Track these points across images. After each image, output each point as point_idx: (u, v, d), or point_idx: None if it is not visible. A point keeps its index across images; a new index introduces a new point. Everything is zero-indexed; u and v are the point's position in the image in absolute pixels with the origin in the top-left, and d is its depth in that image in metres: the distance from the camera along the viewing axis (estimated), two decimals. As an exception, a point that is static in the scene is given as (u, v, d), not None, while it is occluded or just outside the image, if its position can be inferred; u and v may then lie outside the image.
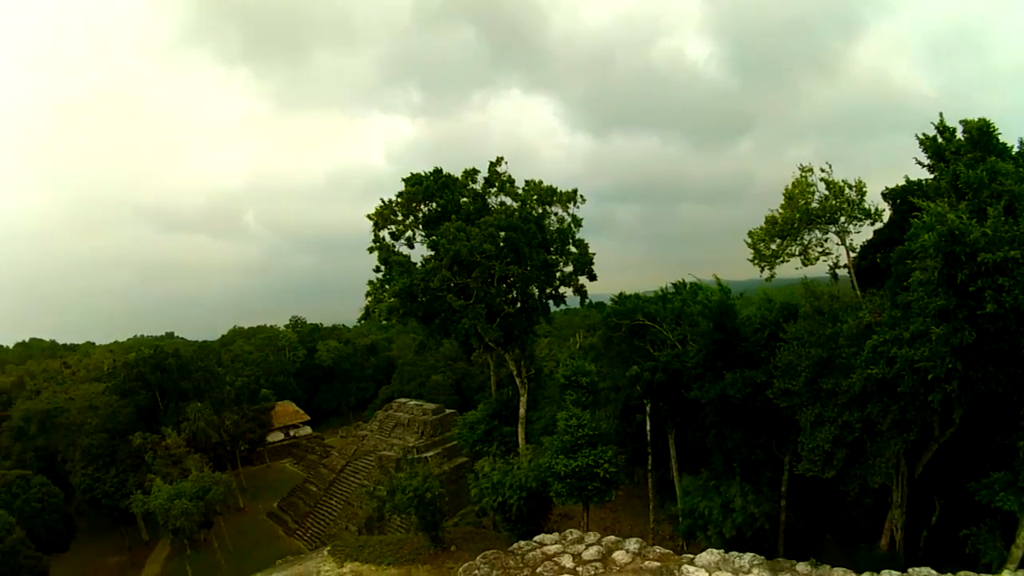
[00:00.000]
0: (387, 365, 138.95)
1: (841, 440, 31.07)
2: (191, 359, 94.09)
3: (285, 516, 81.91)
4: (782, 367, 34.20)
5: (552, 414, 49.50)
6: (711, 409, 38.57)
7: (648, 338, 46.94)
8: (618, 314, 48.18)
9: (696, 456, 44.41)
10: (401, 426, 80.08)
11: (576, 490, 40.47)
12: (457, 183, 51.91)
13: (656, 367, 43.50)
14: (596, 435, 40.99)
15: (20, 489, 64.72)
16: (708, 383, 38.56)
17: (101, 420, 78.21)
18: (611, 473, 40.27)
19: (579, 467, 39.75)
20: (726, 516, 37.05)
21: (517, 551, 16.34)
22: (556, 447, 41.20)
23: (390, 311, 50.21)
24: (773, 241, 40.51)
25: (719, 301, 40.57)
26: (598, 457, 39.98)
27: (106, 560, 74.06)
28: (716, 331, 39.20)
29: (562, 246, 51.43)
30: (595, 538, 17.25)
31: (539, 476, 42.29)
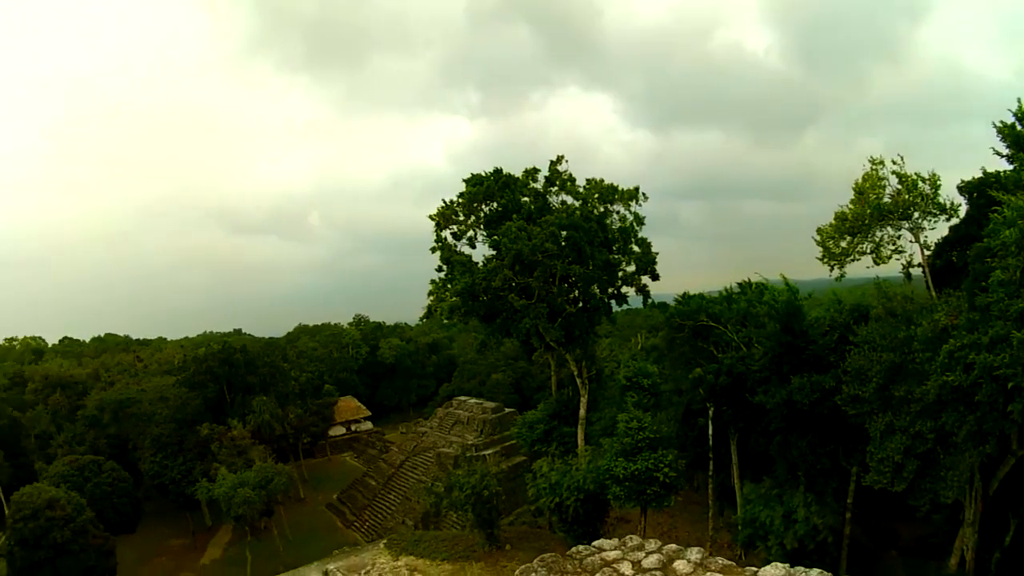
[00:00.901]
0: (448, 363, 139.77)
1: (912, 451, 29.67)
2: (258, 355, 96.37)
3: (343, 508, 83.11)
4: (852, 372, 32.84)
5: (612, 415, 48.87)
6: (776, 415, 37.43)
7: (712, 340, 45.92)
8: (681, 314, 47.23)
9: (759, 463, 43.19)
10: (460, 424, 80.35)
11: (635, 494, 39.84)
12: (518, 183, 51.79)
13: (720, 370, 42.44)
14: (657, 438, 40.21)
15: (92, 473, 67.17)
16: (774, 387, 37.42)
17: (171, 411, 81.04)
18: (671, 478, 39.54)
19: (639, 470, 39.10)
20: (788, 527, 35.93)
21: (575, 555, 15.92)
22: (616, 449, 40.60)
23: (452, 310, 50.55)
24: (843, 238, 38.68)
25: (786, 302, 39.36)
26: (658, 461, 39.27)
27: (170, 542, 76.65)
28: (783, 333, 37.99)
29: (624, 245, 50.83)
30: (655, 545, 16.72)
31: (597, 478, 41.66)
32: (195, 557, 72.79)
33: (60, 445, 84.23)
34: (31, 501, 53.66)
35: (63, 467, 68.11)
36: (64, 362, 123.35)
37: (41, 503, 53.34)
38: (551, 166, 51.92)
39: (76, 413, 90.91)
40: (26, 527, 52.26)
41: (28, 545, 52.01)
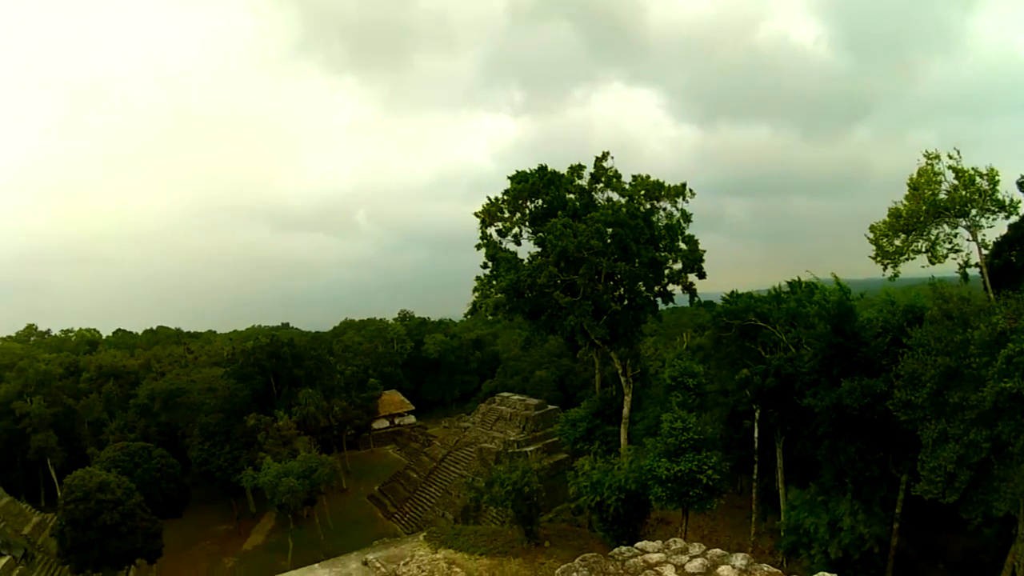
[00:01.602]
0: (491, 359, 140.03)
1: (966, 460, 28.61)
2: (304, 348, 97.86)
3: (385, 500, 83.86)
4: (905, 376, 31.82)
5: (656, 415, 48.26)
6: (824, 419, 36.50)
7: (760, 340, 45.01)
8: (729, 313, 46.39)
9: (805, 468, 42.19)
10: (503, 420, 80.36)
11: (677, 495, 39.24)
12: (563, 179, 51.46)
13: (767, 371, 41.59)
14: (701, 439, 39.49)
15: (142, 459, 68.86)
16: (823, 390, 36.50)
17: (219, 401, 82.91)
18: (714, 480, 38.83)
19: (681, 472, 38.46)
20: (833, 535, 35.04)
21: (617, 556, 15.64)
22: (659, 449, 40.01)
23: (497, 307, 50.45)
24: (897, 236, 37.25)
25: (837, 302, 38.27)
26: (702, 463, 38.58)
27: (214, 528, 78.51)
28: (833, 334, 37.00)
29: (671, 242, 50.20)
30: (700, 550, 16.33)
31: (639, 478, 41.22)
32: (238, 542, 74.36)
33: (112, 432, 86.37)
34: (83, 484, 55.24)
35: (114, 452, 70.06)
36: (117, 353, 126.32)
37: (92, 486, 54.90)
38: (596, 162, 51.51)
39: (128, 402, 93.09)
40: (77, 508, 53.77)
41: (79, 526, 53.50)
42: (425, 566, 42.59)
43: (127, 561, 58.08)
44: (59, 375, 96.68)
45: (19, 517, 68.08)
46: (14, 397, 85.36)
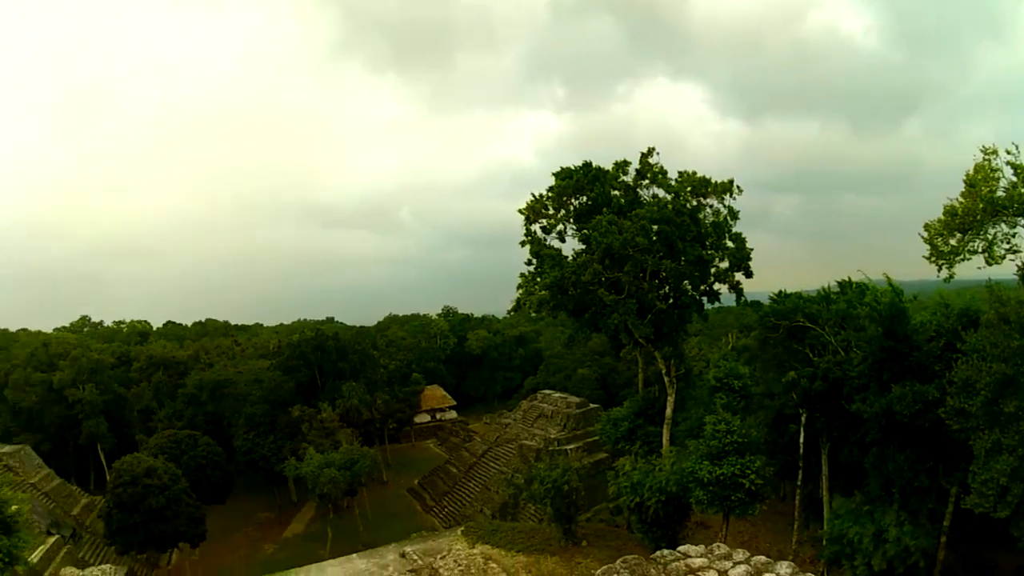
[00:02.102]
0: (534, 356, 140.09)
1: (1020, 474, 27.28)
2: (349, 342, 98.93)
3: (424, 493, 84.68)
4: (958, 383, 30.51)
5: (699, 416, 47.47)
6: (873, 425, 35.35)
7: (808, 342, 43.79)
8: (776, 314, 45.17)
9: (850, 476, 41.05)
10: (544, 417, 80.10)
11: (718, 499, 38.37)
12: (608, 176, 50.83)
13: (815, 374, 40.49)
14: (745, 443, 38.52)
15: (188, 446, 70.56)
16: (872, 396, 35.26)
17: (265, 392, 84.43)
18: (757, 485, 37.84)
19: (724, 475, 37.58)
20: (877, 546, 33.90)
21: (659, 559, 15.27)
22: (702, 452, 39.16)
23: (541, 303, 50.21)
24: (952, 235, 35.32)
25: (889, 303, 36.92)
26: (745, 466, 37.64)
27: (257, 515, 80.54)
28: (885, 337, 35.76)
29: (718, 240, 49.16)
30: (744, 556, 15.82)
31: (680, 480, 40.44)
32: (279, 530, 76.06)
33: (160, 420, 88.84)
34: (131, 469, 56.82)
35: (162, 440, 71.93)
36: (167, 344, 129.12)
37: (140, 471, 56.39)
38: (642, 158, 50.76)
39: (176, 391, 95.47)
40: (125, 492, 55.31)
41: (126, 508, 55.05)
42: (462, 560, 42.54)
43: (171, 544, 59.43)
44: (111, 364, 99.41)
45: (69, 499, 70.34)
46: (68, 385, 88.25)
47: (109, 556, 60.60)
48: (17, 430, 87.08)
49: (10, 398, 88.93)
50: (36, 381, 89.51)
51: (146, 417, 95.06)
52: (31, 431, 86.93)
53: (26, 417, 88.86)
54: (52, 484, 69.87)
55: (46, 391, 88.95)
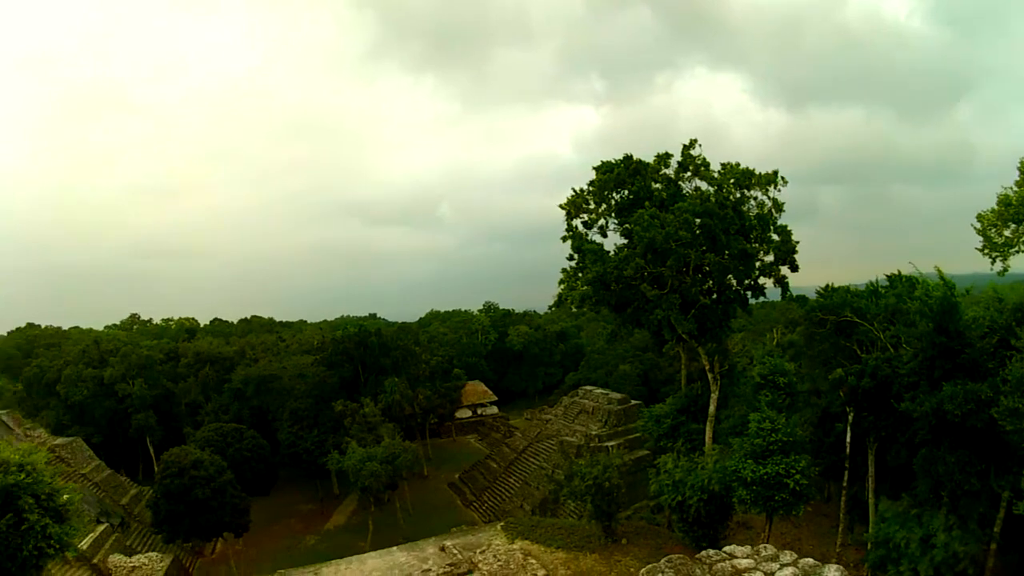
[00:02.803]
0: (575, 352, 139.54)
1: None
2: (391, 338, 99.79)
3: (464, 488, 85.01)
4: (1012, 382, 29.43)
5: (742, 414, 46.62)
6: (922, 425, 34.06)
7: (856, 338, 42.60)
8: (823, 308, 44.00)
9: (898, 477, 39.71)
10: (585, 413, 79.64)
11: (762, 499, 37.49)
12: (649, 168, 50.11)
13: (863, 371, 39.35)
14: (790, 442, 37.61)
15: (234, 439, 72.05)
16: (922, 394, 34.04)
17: (308, 387, 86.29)
18: (802, 485, 36.92)
19: (768, 474, 36.72)
20: (925, 551, 32.68)
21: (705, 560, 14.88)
22: (745, 450, 38.39)
23: (583, 299, 49.82)
24: (1007, 226, 34.04)
25: (941, 298, 35.59)
26: (790, 466, 36.73)
27: (299, 507, 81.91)
28: (936, 334, 34.46)
29: (762, 233, 48.14)
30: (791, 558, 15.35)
31: (723, 479, 39.47)
32: (321, 522, 77.18)
33: (207, 413, 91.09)
34: (178, 461, 58.39)
35: (209, 433, 73.58)
36: (214, 340, 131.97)
37: (187, 463, 57.91)
38: (684, 150, 49.89)
39: (223, 386, 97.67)
40: (172, 483, 56.84)
41: (173, 499, 56.52)
42: (501, 556, 42.40)
43: (215, 534, 60.98)
44: (159, 360, 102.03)
45: (118, 489, 72.50)
46: (118, 380, 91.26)
47: (156, 544, 62.19)
48: (69, 423, 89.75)
49: (63, 393, 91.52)
50: (88, 377, 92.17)
51: (193, 411, 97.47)
52: (83, 424, 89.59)
53: (78, 411, 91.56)
54: (102, 475, 72.20)
55: (97, 386, 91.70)
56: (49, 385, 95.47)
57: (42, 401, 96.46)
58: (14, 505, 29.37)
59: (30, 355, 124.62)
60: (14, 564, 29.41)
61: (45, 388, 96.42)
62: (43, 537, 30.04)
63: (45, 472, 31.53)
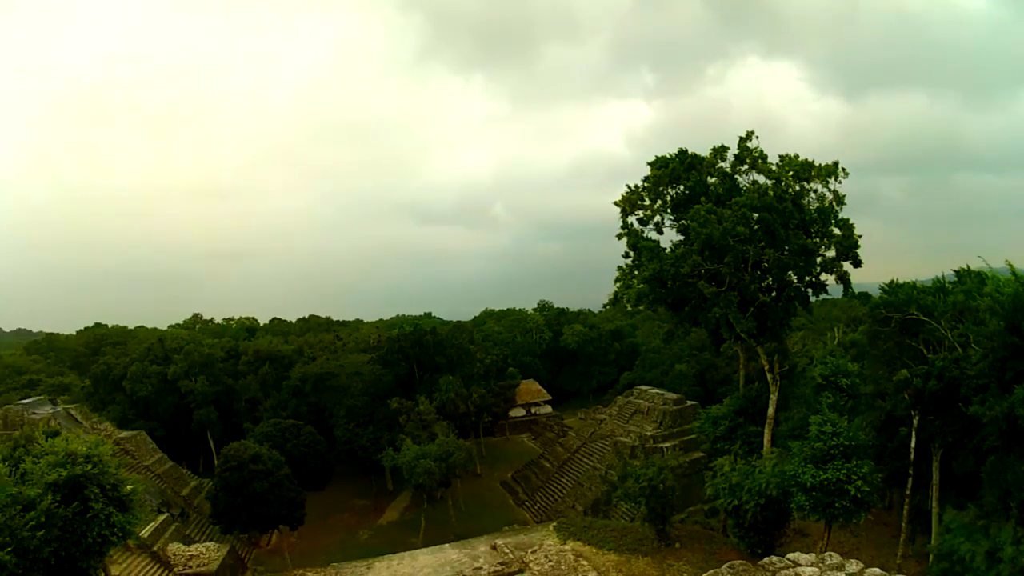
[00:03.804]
0: (630, 351, 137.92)
1: None
2: (446, 337, 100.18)
3: (516, 487, 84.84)
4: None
5: (802, 417, 45.17)
6: (992, 430, 32.22)
7: (922, 336, 40.76)
8: (888, 306, 42.20)
9: (965, 486, 37.88)
10: (640, 413, 78.56)
11: (821, 506, 35.87)
12: (704, 163, 49.05)
13: (929, 372, 37.67)
14: (852, 446, 36.01)
15: (292, 435, 73.32)
16: (992, 397, 32.17)
17: (365, 385, 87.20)
18: (864, 492, 35.20)
19: (828, 480, 35.14)
20: (991, 565, 30.73)
21: (768, 566, 14.21)
22: (805, 454, 36.82)
23: (639, 297, 49.11)
24: None
25: (1013, 294, 33.52)
26: (851, 472, 35.10)
27: (353, 502, 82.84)
28: (1008, 333, 32.46)
29: (823, 227, 46.58)
30: (858, 567, 14.55)
31: (782, 484, 38.08)
32: (374, 517, 78.18)
33: (266, 410, 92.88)
34: (238, 455, 59.78)
35: (267, 428, 75.24)
36: (273, 339, 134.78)
37: (246, 457, 59.21)
38: (740, 143, 48.59)
39: (281, 383, 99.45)
40: (232, 476, 58.15)
41: (231, 491, 57.80)
42: (552, 556, 42.03)
43: (272, 526, 62.08)
44: (220, 358, 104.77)
45: (179, 480, 74.90)
46: (181, 377, 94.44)
47: (214, 534, 63.83)
48: (134, 417, 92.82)
49: (128, 388, 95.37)
50: (152, 373, 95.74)
51: (253, 407, 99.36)
52: (147, 418, 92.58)
53: (143, 406, 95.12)
54: (164, 467, 74.56)
55: (161, 382, 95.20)
56: (115, 381, 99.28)
57: (108, 396, 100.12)
58: (81, 494, 30.58)
59: (97, 353, 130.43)
60: (79, 549, 30.53)
61: (111, 384, 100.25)
62: (107, 525, 31.19)
63: (110, 463, 32.75)
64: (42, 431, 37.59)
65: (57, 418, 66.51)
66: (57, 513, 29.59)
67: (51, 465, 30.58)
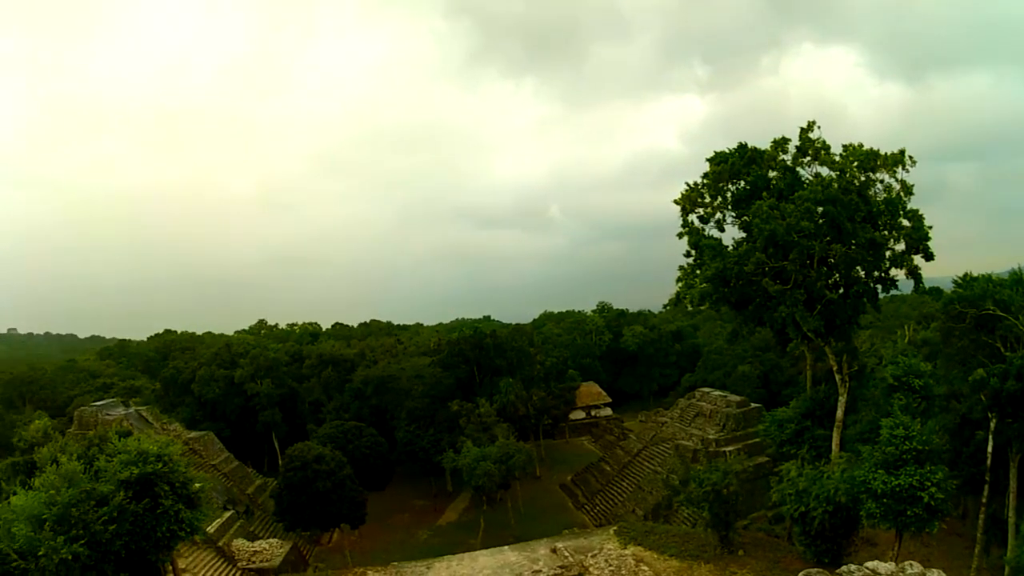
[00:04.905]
0: (692, 352, 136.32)
1: None
2: (506, 339, 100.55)
3: (576, 490, 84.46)
4: None
5: (871, 419, 43.40)
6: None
7: (999, 333, 38.91)
8: (962, 301, 40.37)
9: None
10: (702, 416, 77.11)
11: (892, 513, 34.17)
12: (765, 156, 47.71)
13: (1007, 372, 35.83)
14: (925, 451, 34.21)
15: (354, 436, 74.54)
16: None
17: (425, 387, 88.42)
18: (938, 500, 33.40)
19: (900, 487, 33.47)
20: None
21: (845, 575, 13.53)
22: (876, 459, 35.15)
23: (702, 297, 48.32)
24: None
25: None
26: (924, 478, 33.33)
27: (413, 502, 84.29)
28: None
29: (891, 219, 44.70)
30: (938, 576, 13.74)
31: (851, 490, 36.45)
32: (433, 518, 79.24)
33: (329, 412, 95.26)
34: (302, 455, 61.34)
35: (330, 429, 76.72)
36: (335, 343, 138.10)
37: (310, 457, 60.71)
38: (802, 133, 47.05)
39: (344, 386, 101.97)
40: (295, 476, 59.60)
41: (295, 490, 59.24)
42: (613, 560, 41.45)
43: (333, 524, 63.44)
44: (285, 362, 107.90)
45: (244, 479, 77.22)
46: (247, 380, 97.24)
47: (277, 531, 65.66)
48: (202, 418, 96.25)
49: (197, 391, 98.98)
50: (219, 376, 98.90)
51: (316, 409, 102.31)
52: (214, 420, 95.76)
53: (210, 407, 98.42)
54: (231, 466, 77.00)
55: (228, 385, 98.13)
56: (184, 384, 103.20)
57: (178, 399, 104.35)
58: (151, 491, 32.02)
59: (167, 358, 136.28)
60: (148, 543, 32.06)
61: (180, 387, 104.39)
62: (175, 520, 32.61)
63: (180, 462, 34.09)
64: (115, 431, 39.28)
65: (129, 419, 69.22)
66: (129, 509, 31.16)
67: (124, 463, 32.04)
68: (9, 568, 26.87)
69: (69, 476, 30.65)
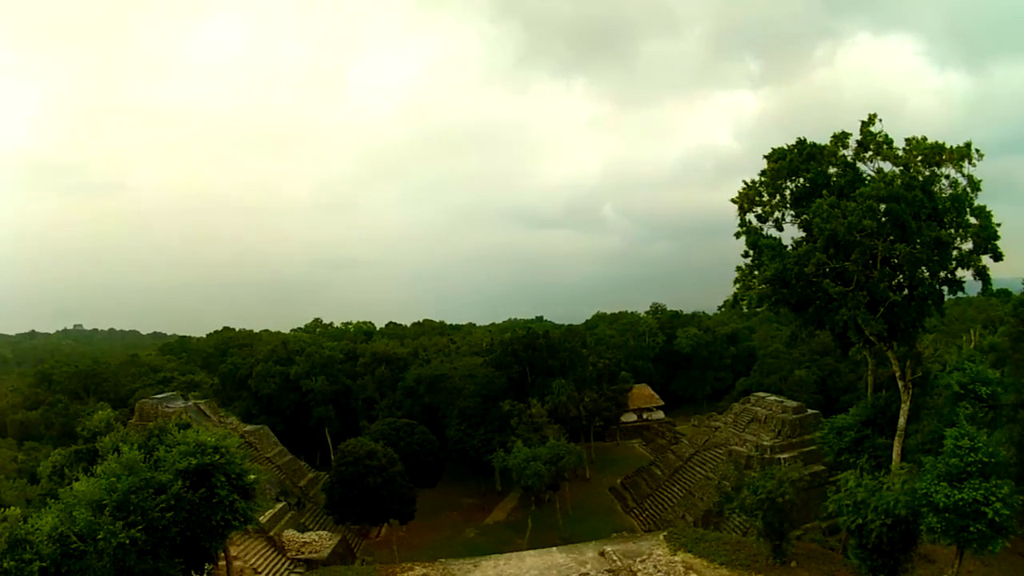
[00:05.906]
0: (747, 355, 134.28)
1: None
2: (558, 340, 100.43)
3: (625, 493, 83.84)
4: None
5: (934, 429, 41.44)
6: None
7: (1075, 339, 36.80)
8: (1033, 303, 38.26)
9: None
10: (757, 422, 75.11)
11: (954, 529, 32.55)
12: (824, 152, 45.80)
13: (1082, 379, 33.69)
14: (991, 463, 32.54)
15: (406, 434, 75.77)
16: None
17: (477, 387, 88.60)
18: (1003, 516, 31.62)
19: (963, 501, 31.83)
20: None
21: None
22: (939, 471, 33.46)
23: (761, 299, 46.84)
24: None
25: None
26: (990, 492, 31.64)
27: (462, 500, 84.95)
28: None
29: (957, 216, 42.53)
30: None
31: (911, 503, 34.72)
32: (481, 516, 79.65)
33: (382, 409, 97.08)
34: (354, 451, 62.81)
35: (382, 426, 78.10)
36: (389, 342, 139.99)
37: (362, 453, 62.11)
38: (863, 127, 44.91)
39: (397, 384, 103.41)
40: (347, 471, 61.00)
41: (347, 485, 60.68)
42: (662, 566, 40.91)
43: (383, 519, 64.72)
44: (339, 360, 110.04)
45: (297, 472, 79.33)
46: (302, 376, 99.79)
47: (327, 524, 66.98)
48: (258, 413, 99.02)
49: (253, 386, 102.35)
50: (276, 373, 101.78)
51: (369, 406, 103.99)
52: (269, 414, 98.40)
53: (266, 402, 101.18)
54: (284, 459, 79.05)
55: (284, 381, 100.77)
56: (241, 380, 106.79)
57: (235, 393, 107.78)
58: (208, 481, 33.35)
59: (225, 354, 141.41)
60: (203, 531, 33.48)
61: (238, 382, 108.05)
62: (230, 510, 33.93)
63: (236, 455, 35.45)
64: (174, 423, 40.82)
65: (188, 412, 70.76)
66: (186, 497, 32.50)
67: (182, 454, 33.36)
68: (69, 550, 27.89)
69: (129, 465, 32.09)
